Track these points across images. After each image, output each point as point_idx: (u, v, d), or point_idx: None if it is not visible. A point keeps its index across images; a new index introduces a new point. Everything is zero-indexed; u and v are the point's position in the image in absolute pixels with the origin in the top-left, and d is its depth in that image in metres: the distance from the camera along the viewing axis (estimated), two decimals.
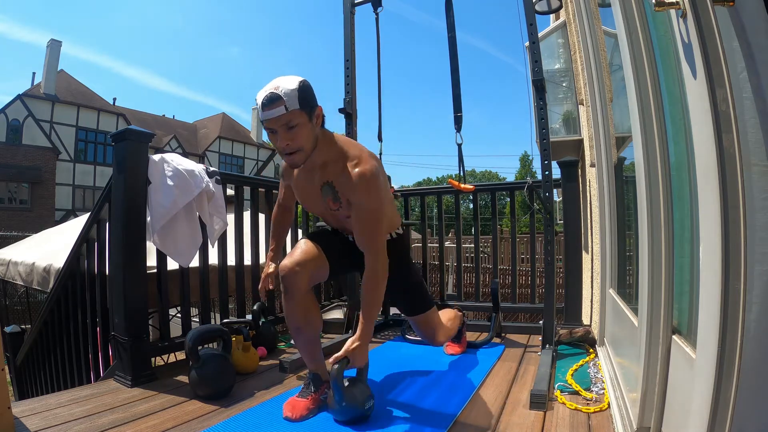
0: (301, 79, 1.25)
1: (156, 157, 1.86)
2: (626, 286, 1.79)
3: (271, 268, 1.64)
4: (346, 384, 1.32)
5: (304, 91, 1.23)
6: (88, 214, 2.28)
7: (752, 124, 0.60)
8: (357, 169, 1.30)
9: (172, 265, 1.96)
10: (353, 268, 1.60)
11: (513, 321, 3.18)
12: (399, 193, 2.87)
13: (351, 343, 1.32)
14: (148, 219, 1.81)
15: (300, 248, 1.41)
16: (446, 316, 1.87)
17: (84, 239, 2.09)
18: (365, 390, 1.35)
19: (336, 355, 1.32)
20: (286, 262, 1.37)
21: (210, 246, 2.11)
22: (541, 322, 2.09)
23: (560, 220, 2.58)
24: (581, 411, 1.39)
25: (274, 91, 1.20)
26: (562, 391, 1.56)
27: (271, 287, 1.63)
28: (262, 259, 2.50)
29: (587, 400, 1.48)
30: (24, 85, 31.00)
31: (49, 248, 3.44)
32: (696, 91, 0.72)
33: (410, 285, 1.59)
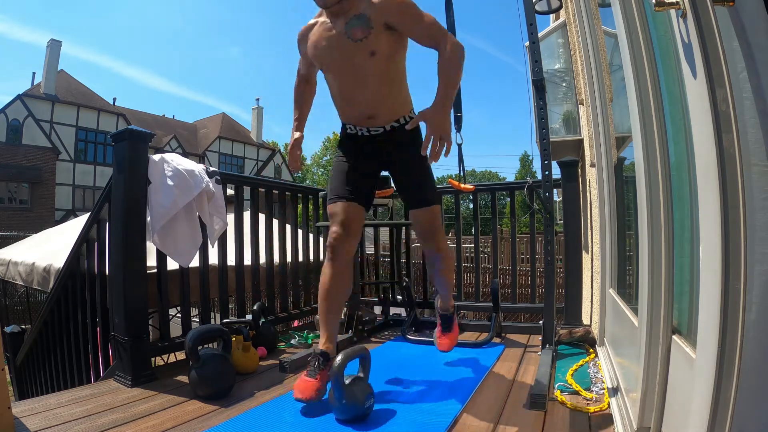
0: None
1: (156, 157, 1.86)
2: (626, 286, 1.79)
3: (297, 135, 1.67)
4: (347, 382, 1.32)
5: None
6: (88, 214, 2.28)
7: (752, 124, 0.60)
8: None
9: (172, 265, 1.96)
10: (374, 185, 1.68)
11: (513, 321, 3.18)
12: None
13: (429, 110, 1.35)
14: (148, 219, 1.81)
15: (340, 212, 1.53)
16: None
17: (84, 239, 2.09)
18: (366, 388, 1.36)
19: (411, 121, 1.42)
20: (335, 227, 1.52)
21: (210, 246, 2.11)
22: (541, 322, 2.09)
23: (560, 220, 2.59)
24: (581, 411, 1.39)
25: None
26: (562, 391, 1.56)
27: (299, 154, 1.67)
28: (263, 259, 2.51)
29: (587, 400, 1.48)
30: (24, 85, 31.03)
31: (49, 248, 3.44)
32: (696, 91, 0.72)
33: (428, 168, 1.62)
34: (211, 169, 2.08)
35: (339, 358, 1.32)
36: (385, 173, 1.79)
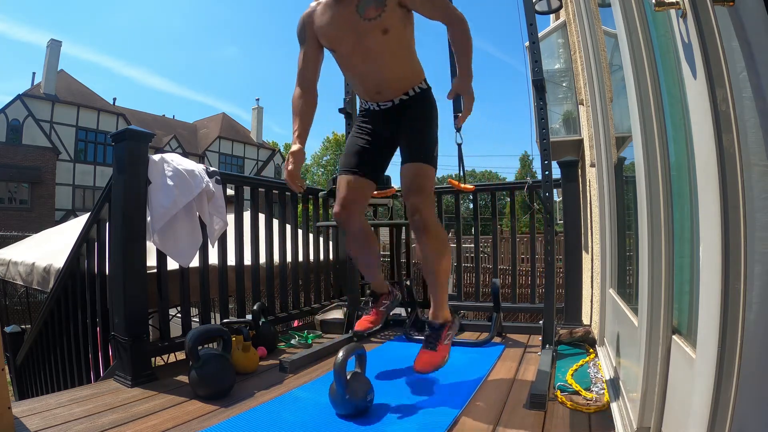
0: None
1: (156, 157, 1.86)
2: (626, 286, 1.79)
3: (295, 148, 1.57)
4: (348, 378, 1.35)
5: None
6: (88, 214, 2.28)
7: (752, 124, 0.60)
8: None
9: (172, 265, 1.96)
10: (389, 154, 1.73)
11: (513, 321, 3.18)
12: (399, 193, 2.87)
13: (457, 81, 1.53)
14: (148, 219, 1.81)
15: (343, 187, 1.62)
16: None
17: (84, 239, 2.09)
18: (366, 383, 1.41)
19: (449, 92, 1.56)
20: (336, 208, 1.63)
21: (210, 246, 2.11)
22: (541, 322, 2.09)
23: (560, 220, 2.59)
24: (581, 411, 1.39)
25: None
26: (562, 391, 1.56)
27: (298, 172, 1.59)
28: (263, 259, 2.51)
29: (587, 400, 1.48)
30: (24, 85, 31.02)
31: (49, 248, 3.44)
32: (696, 91, 0.72)
33: (431, 133, 1.63)
34: (211, 169, 2.08)
35: (340, 354, 1.34)
36: (385, 174, 1.82)
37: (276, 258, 2.60)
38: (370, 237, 1.71)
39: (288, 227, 2.74)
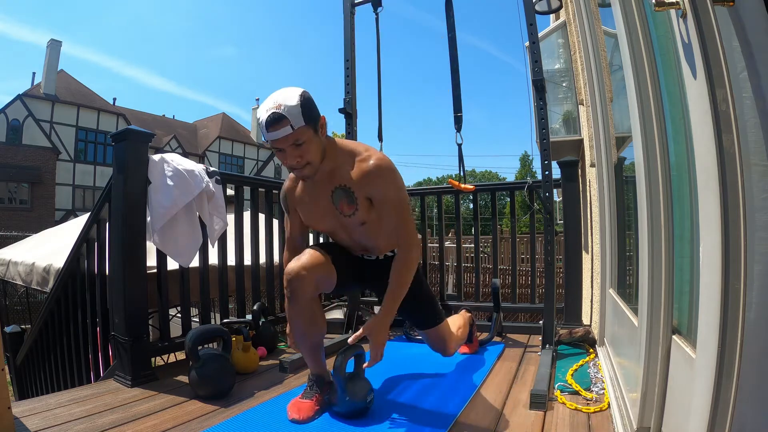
0: (300, 91, 1.22)
1: (156, 157, 1.86)
2: (626, 286, 1.79)
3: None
4: (348, 378, 1.36)
5: (307, 106, 1.20)
6: (88, 214, 2.28)
7: (752, 124, 0.60)
8: (371, 161, 1.29)
9: (172, 265, 1.96)
10: (358, 284, 1.58)
11: (513, 321, 3.17)
12: None
13: (373, 320, 1.31)
14: (148, 219, 1.81)
15: (308, 253, 1.37)
16: (456, 324, 1.80)
17: (84, 239, 2.09)
18: (365, 384, 1.40)
19: (356, 334, 1.29)
20: (292, 265, 1.34)
21: (210, 246, 2.11)
22: (541, 322, 2.09)
23: (560, 220, 2.59)
24: (581, 411, 1.39)
25: (277, 111, 1.16)
26: (562, 391, 1.56)
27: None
28: (263, 259, 2.50)
29: (587, 400, 1.48)
30: (24, 85, 31.02)
31: (49, 248, 3.44)
32: (696, 91, 0.72)
33: (423, 299, 1.55)
34: (211, 169, 2.08)
35: (339, 356, 1.34)
36: None
37: (276, 258, 2.60)
38: (320, 312, 1.45)
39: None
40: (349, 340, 1.31)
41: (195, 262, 2.04)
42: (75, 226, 3.55)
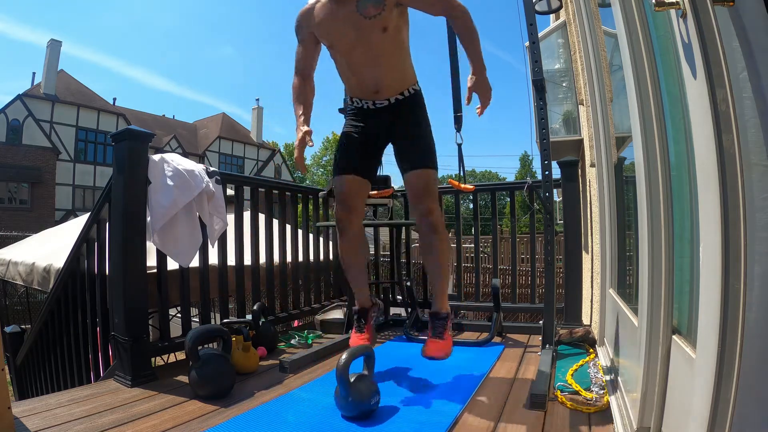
0: None
1: (156, 157, 1.86)
2: (626, 286, 1.79)
3: (305, 129, 1.59)
4: (352, 380, 1.33)
5: None
6: (88, 214, 2.28)
7: (752, 124, 0.60)
8: None
9: (172, 265, 1.96)
10: (379, 156, 1.78)
11: (513, 321, 3.18)
12: (399, 193, 2.87)
13: (474, 80, 1.49)
14: (148, 219, 1.81)
15: (345, 189, 1.65)
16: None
17: (84, 239, 2.09)
18: (371, 385, 1.37)
19: (467, 96, 1.52)
20: (339, 209, 1.66)
21: (210, 246, 2.11)
22: (541, 322, 2.09)
23: (560, 220, 2.58)
24: (581, 411, 1.39)
25: None
26: (562, 391, 1.56)
27: (307, 155, 1.75)
28: (263, 259, 2.51)
29: (587, 400, 1.48)
30: (24, 85, 30.99)
31: (49, 248, 3.44)
32: (696, 91, 0.72)
33: (426, 131, 1.67)
34: (211, 169, 2.08)
35: (344, 356, 1.33)
36: (384, 174, 1.82)
37: (276, 258, 2.60)
38: (364, 241, 1.75)
39: (288, 227, 2.74)
40: (467, 101, 1.53)
41: (195, 262, 2.04)
42: (75, 226, 3.55)
